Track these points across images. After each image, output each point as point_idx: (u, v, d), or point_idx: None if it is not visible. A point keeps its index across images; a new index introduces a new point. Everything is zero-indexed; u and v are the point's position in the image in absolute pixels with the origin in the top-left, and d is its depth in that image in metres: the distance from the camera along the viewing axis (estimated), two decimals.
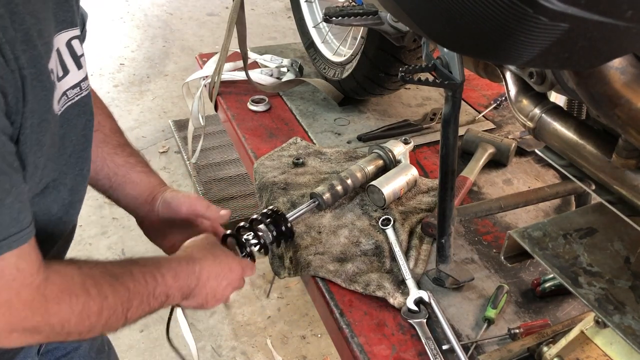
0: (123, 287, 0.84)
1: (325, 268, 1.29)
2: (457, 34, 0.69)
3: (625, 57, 0.72)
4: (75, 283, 0.79)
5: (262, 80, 2.12)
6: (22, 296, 0.73)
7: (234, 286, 1.08)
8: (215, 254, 1.05)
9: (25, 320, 0.74)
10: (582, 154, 0.96)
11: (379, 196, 1.43)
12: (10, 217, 0.71)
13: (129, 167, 1.15)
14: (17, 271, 0.72)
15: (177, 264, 0.97)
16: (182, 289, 0.96)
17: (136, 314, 0.87)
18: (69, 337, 0.81)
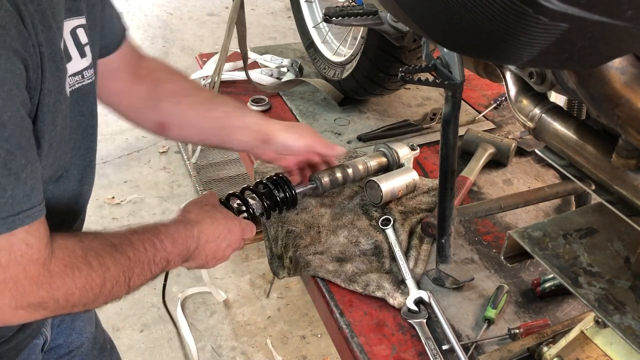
0: (124, 256, 0.86)
1: (324, 268, 1.29)
2: (457, 34, 0.69)
3: (625, 57, 0.72)
4: (78, 256, 0.80)
5: (262, 80, 2.12)
6: (29, 272, 0.73)
7: (233, 247, 1.10)
8: (214, 216, 1.06)
9: (31, 296, 0.75)
10: (582, 154, 0.96)
11: (376, 192, 1.43)
12: (24, 193, 0.71)
13: (229, 115, 1.21)
14: (26, 247, 0.73)
15: (175, 229, 0.98)
16: (181, 253, 0.98)
17: (138, 281, 0.89)
18: (73, 309, 0.82)
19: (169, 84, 1.19)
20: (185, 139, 1.23)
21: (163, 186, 3.21)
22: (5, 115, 0.68)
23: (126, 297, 0.90)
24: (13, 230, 0.71)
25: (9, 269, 0.72)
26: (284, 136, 1.24)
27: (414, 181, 1.47)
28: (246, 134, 1.23)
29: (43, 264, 0.75)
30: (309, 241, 1.36)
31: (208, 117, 1.20)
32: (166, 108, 1.17)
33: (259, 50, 2.36)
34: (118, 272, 0.85)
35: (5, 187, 0.69)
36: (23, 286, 0.73)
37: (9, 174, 0.69)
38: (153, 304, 2.53)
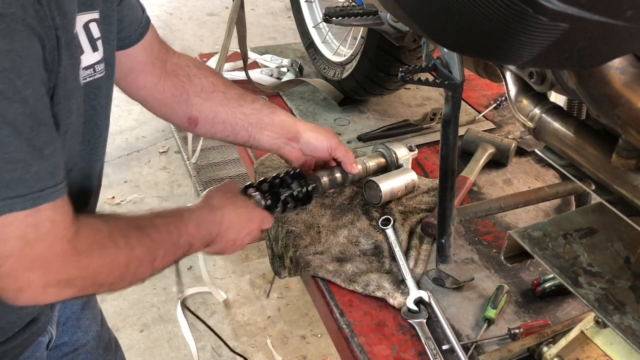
0: (148, 238, 0.87)
1: (324, 268, 1.29)
2: (457, 34, 0.69)
3: (625, 57, 0.72)
4: (103, 236, 0.81)
5: (262, 80, 2.12)
6: (56, 249, 0.74)
7: (252, 236, 1.12)
8: (236, 203, 1.09)
9: (59, 274, 0.75)
10: (582, 154, 0.96)
11: (375, 192, 1.43)
12: (47, 170, 0.72)
13: (259, 113, 1.24)
14: (52, 224, 0.73)
15: (199, 213, 1.00)
16: (204, 238, 1.00)
17: (162, 263, 0.90)
18: (100, 289, 0.83)
19: (199, 80, 1.21)
20: (215, 135, 1.26)
21: (163, 186, 3.21)
22: (27, 92, 0.69)
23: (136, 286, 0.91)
24: (38, 207, 0.71)
25: (36, 246, 0.72)
26: (310, 135, 1.28)
27: (413, 182, 1.47)
28: (275, 131, 1.26)
29: (69, 242, 0.76)
30: (309, 241, 1.36)
31: (238, 113, 1.22)
32: (196, 103, 1.19)
33: (259, 50, 2.36)
34: (143, 252, 0.86)
35: (30, 163, 0.69)
36: (51, 263, 0.74)
37: (33, 150, 0.70)
38: (153, 304, 2.53)
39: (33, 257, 0.72)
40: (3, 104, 0.66)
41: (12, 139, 0.68)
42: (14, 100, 0.67)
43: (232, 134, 1.24)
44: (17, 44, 0.67)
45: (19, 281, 0.73)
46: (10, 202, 0.69)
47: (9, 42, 0.66)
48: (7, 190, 0.68)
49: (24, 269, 0.72)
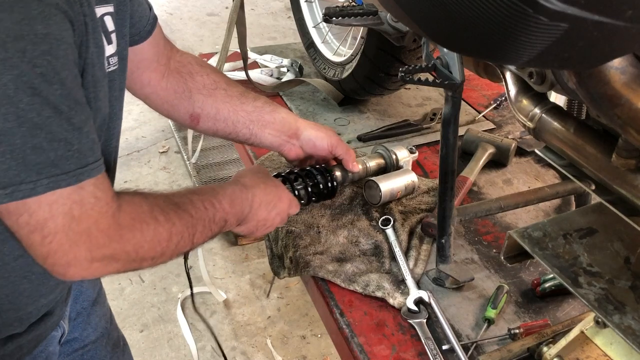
0: (187, 213, 0.90)
1: (324, 268, 1.29)
2: (457, 34, 0.69)
3: (625, 57, 0.72)
4: (144, 211, 0.84)
5: (262, 80, 2.12)
6: (100, 224, 0.77)
7: (281, 217, 1.14)
8: (267, 182, 1.12)
9: (104, 248, 0.78)
10: (582, 154, 0.96)
11: (375, 192, 1.42)
12: (88, 147, 0.75)
13: (260, 110, 1.26)
14: (95, 200, 0.76)
15: (232, 191, 1.03)
16: (237, 215, 1.03)
17: (200, 238, 0.94)
18: (143, 264, 0.85)
19: (202, 77, 1.22)
20: (217, 132, 1.26)
21: (163, 186, 3.21)
22: (64, 73, 0.71)
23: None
24: (81, 183, 0.74)
25: (82, 221, 0.75)
26: (311, 133, 1.29)
27: (413, 183, 1.46)
28: (276, 129, 1.27)
29: (112, 217, 0.79)
30: (309, 241, 1.36)
31: (240, 111, 1.23)
32: (199, 100, 1.21)
33: (259, 50, 2.36)
34: (183, 227, 0.89)
35: (71, 141, 0.72)
36: (96, 238, 0.77)
37: (73, 128, 0.73)
38: (153, 304, 2.54)
39: (79, 232, 0.75)
40: (44, 86, 0.69)
41: (54, 119, 0.70)
42: (54, 82, 0.70)
43: (233, 131, 1.25)
44: (52, 27, 0.69)
45: (67, 256, 0.76)
46: (56, 179, 0.72)
47: (46, 26, 0.69)
48: (52, 168, 0.71)
49: (71, 244, 0.75)
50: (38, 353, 1.01)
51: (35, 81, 0.68)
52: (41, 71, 0.68)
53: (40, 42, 0.68)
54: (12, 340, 0.93)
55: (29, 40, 0.67)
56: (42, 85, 0.69)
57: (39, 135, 0.69)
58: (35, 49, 0.68)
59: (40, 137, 0.70)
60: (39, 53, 0.68)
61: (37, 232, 0.74)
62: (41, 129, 0.69)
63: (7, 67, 0.66)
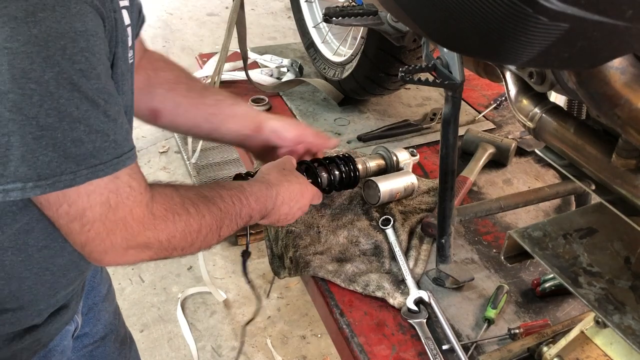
0: (216, 207, 0.94)
1: (324, 268, 1.29)
2: (457, 34, 0.69)
3: (625, 57, 0.72)
4: (176, 203, 0.87)
5: (262, 80, 2.12)
6: (135, 213, 0.80)
7: (302, 210, 1.16)
8: (290, 179, 1.13)
9: (139, 236, 0.82)
10: (582, 154, 0.96)
11: (374, 192, 1.42)
12: (122, 137, 0.78)
13: (221, 104, 1.24)
14: (130, 189, 0.79)
15: (258, 188, 1.05)
16: (261, 211, 1.05)
17: (227, 231, 0.97)
18: (173, 253, 0.89)
19: (164, 72, 1.22)
20: (177, 127, 1.24)
21: None
22: (100, 68, 0.74)
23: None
24: (117, 172, 0.77)
25: (118, 210, 0.78)
26: (275, 123, 1.26)
27: (412, 185, 1.46)
28: (238, 122, 1.24)
29: (146, 206, 0.82)
30: (309, 241, 1.36)
31: (200, 104, 1.22)
32: (159, 94, 1.20)
33: (259, 50, 2.36)
34: (212, 220, 0.92)
35: (108, 132, 0.75)
36: (132, 227, 0.80)
37: (109, 120, 0.75)
38: (153, 304, 2.53)
39: (116, 221, 0.79)
40: (83, 81, 0.71)
41: (92, 112, 0.73)
42: (92, 77, 0.72)
43: (194, 125, 1.23)
44: (89, 24, 0.72)
45: (104, 243, 0.79)
46: (94, 169, 0.74)
47: (83, 23, 0.71)
48: (91, 159, 0.74)
49: (108, 232, 0.79)
50: (53, 347, 1.03)
51: (75, 77, 0.70)
52: (80, 67, 0.71)
53: (79, 39, 0.70)
54: (30, 332, 0.95)
55: (69, 37, 0.69)
56: (81, 81, 0.71)
57: (78, 128, 0.72)
58: (75, 45, 0.70)
59: (80, 130, 0.72)
60: (78, 50, 0.70)
61: (77, 221, 0.77)
62: (80, 122, 0.72)
63: (49, 65, 0.68)
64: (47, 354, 1.02)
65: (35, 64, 0.67)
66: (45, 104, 0.69)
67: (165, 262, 2.71)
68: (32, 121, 0.69)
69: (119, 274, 2.65)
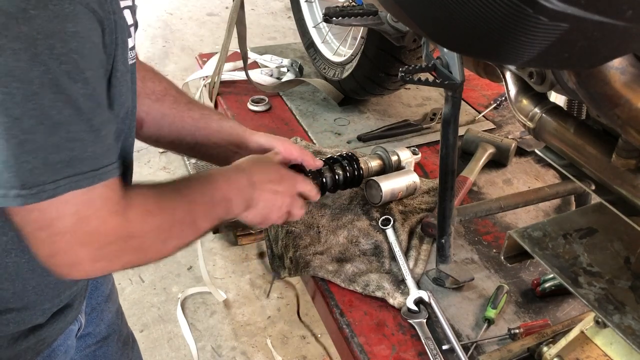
0: (186, 199, 0.90)
1: (324, 268, 1.29)
2: (457, 34, 0.69)
3: (625, 57, 0.72)
4: (152, 202, 0.84)
5: (262, 80, 2.12)
6: (109, 224, 0.77)
7: (291, 195, 1.08)
8: (263, 162, 1.08)
9: (110, 246, 0.78)
10: (582, 154, 0.96)
11: (376, 192, 1.42)
12: (102, 150, 0.75)
13: (207, 118, 1.20)
14: (104, 200, 0.76)
15: (226, 170, 1.02)
16: (240, 194, 0.99)
17: (205, 223, 0.92)
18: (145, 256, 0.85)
19: (152, 83, 1.18)
20: (160, 139, 1.20)
21: None
22: (89, 73, 0.71)
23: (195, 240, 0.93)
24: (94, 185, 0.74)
25: (90, 222, 0.75)
26: (260, 139, 1.20)
27: (414, 184, 1.46)
28: (223, 137, 1.19)
29: (122, 214, 0.78)
30: (309, 241, 1.36)
31: (186, 117, 1.19)
32: (145, 104, 1.16)
33: (259, 50, 2.36)
34: (183, 214, 0.88)
35: (87, 142, 0.72)
36: (104, 237, 0.77)
37: (91, 130, 0.72)
38: (153, 304, 2.53)
39: (87, 233, 0.75)
40: (69, 84, 0.69)
41: (74, 118, 0.70)
42: (78, 80, 0.70)
43: (177, 138, 1.18)
44: (81, 25, 0.70)
45: (73, 256, 0.75)
46: (72, 179, 0.71)
47: (75, 25, 0.69)
48: (68, 168, 0.71)
49: (78, 244, 0.75)
50: (57, 346, 1.02)
51: (61, 78, 0.68)
52: (67, 69, 0.69)
53: (69, 39, 0.68)
54: (34, 332, 0.94)
55: (58, 37, 0.67)
56: (66, 83, 0.69)
57: (58, 133, 0.69)
58: (64, 46, 0.68)
59: (59, 135, 0.69)
60: (67, 50, 0.68)
61: (44, 230, 0.73)
62: (60, 128, 0.69)
63: (35, 63, 0.66)
64: (50, 354, 1.01)
65: (22, 61, 0.65)
66: (28, 104, 0.67)
67: (165, 262, 2.71)
68: (17, 123, 0.66)
69: (119, 273, 2.65)
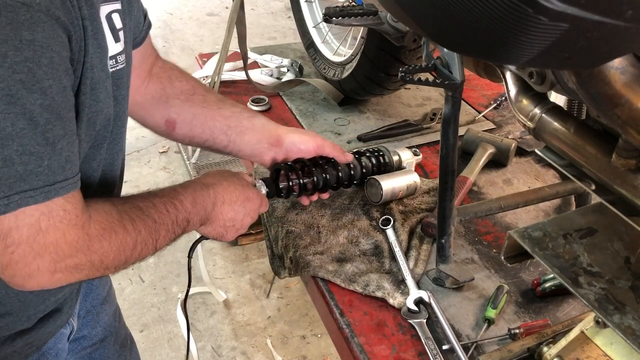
0: (151, 219, 0.88)
1: (324, 268, 1.29)
2: (457, 34, 0.69)
3: (625, 57, 0.72)
4: (114, 220, 0.82)
5: (262, 80, 2.12)
6: (68, 237, 0.75)
7: (251, 217, 1.09)
8: (230, 180, 1.07)
9: (69, 259, 0.76)
10: (582, 154, 0.96)
11: (376, 191, 1.42)
12: (59, 164, 0.73)
13: (238, 116, 1.20)
14: (64, 213, 0.74)
15: (193, 190, 0.99)
16: (199, 214, 0.99)
17: (163, 242, 0.92)
18: (106, 272, 0.84)
19: (180, 82, 1.19)
20: (193, 139, 1.21)
21: (163, 186, 3.21)
22: (47, 83, 0.69)
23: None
24: (52, 199, 0.72)
25: (49, 233, 0.73)
26: (294, 137, 1.22)
27: (414, 183, 1.46)
28: (256, 136, 1.19)
29: (82, 228, 0.77)
30: (309, 241, 1.36)
31: (217, 116, 1.18)
32: (175, 105, 1.17)
33: (259, 50, 2.36)
34: (147, 234, 0.87)
35: (42, 156, 0.70)
36: (62, 250, 0.75)
37: (47, 143, 0.70)
38: (153, 304, 2.53)
39: (45, 244, 0.73)
40: (22, 94, 0.67)
41: (28, 130, 0.68)
42: (34, 91, 0.68)
43: (210, 137, 1.19)
44: (39, 34, 0.68)
45: (29, 267, 0.74)
46: (24, 195, 0.70)
47: (32, 33, 0.67)
48: (20, 183, 0.69)
49: (34, 255, 0.73)
50: (47, 350, 1.02)
51: (14, 88, 0.66)
52: (20, 78, 0.66)
53: (24, 48, 0.66)
54: (21, 336, 0.94)
55: (12, 45, 0.65)
56: (19, 93, 0.66)
57: (11, 146, 0.67)
58: (18, 54, 0.66)
59: (12, 148, 0.67)
60: (21, 59, 0.66)
61: (0, 241, 0.71)
62: (13, 140, 0.67)
63: None
64: (40, 357, 1.01)
65: None
66: None
67: (166, 262, 2.71)
68: None
69: (119, 273, 2.64)
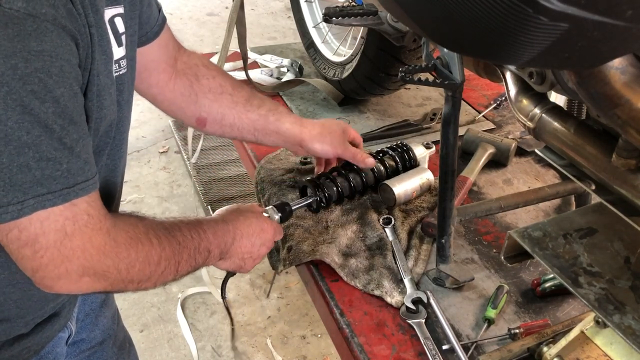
0: (175, 240, 0.90)
1: (331, 257, 1.29)
2: (457, 34, 0.69)
3: (625, 57, 0.72)
4: (140, 232, 0.85)
5: (262, 80, 2.12)
6: (95, 241, 0.77)
7: (267, 246, 1.14)
8: (246, 215, 1.12)
9: (97, 264, 0.78)
10: (582, 154, 0.96)
11: (389, 195, 1.43)
12: (78, 166, 0.75)
13: (264, 119, 1.29)
14: (89, 217, 0.76)
15: (215, 223, 1.04)
16: (220, 246, 1.02)
17: (184, 267, 0.94)
18: (129, 285, 0.85)
19: (207, 80, 1.24)
20: (224, 135, 1.31)
21: (163, 186, 3.21)
22: (59, 91, 0.70)
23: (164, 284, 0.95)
24: (73, 201, 0.74)
25: (75, 238, 0.75)
26: (315, 146, 1.32)
27: (428, 181, 1.46)
28: (280, 139, 1.31)
29: (107, 233, 0.79)
30: (317, 234, 1.37)
31: (245, 118, 1.26)
32: (204, 104, 1.23)
33: (259, 50, 2.36)
34: (172, 253, 0.89)
35: (60, 160, 0.72)
36: (90, 254, 0.77)
37: (64, 147, 0.72)
38: (153, 304, 2.53)
39: (72, 248, 0.75)
40: (35, 104, 0.68)
41: (44, 138, 0.70)
42: (46, 100, 0.69)
43: (239, 135, 1.29)
44: (47, 44, 0.68)
45: (58, 269, 0.76)
46: (41, 199, 0.71)
47: (40, 43, 0.68)
48: (38, 187, 0.71)
49: (62, 259, 0.75)
50: (45, 354, 1.02)
51: (26, 99, 0.67)
52: (32, 88, 0.67)
53: (33, 59, 0.67)
54: (19, 341, 0.94)
55: (21, 57, 0.66)
56: (32, 103, 0.68)
57: (27, 154, 0.69)
58: (28, 66, 0.67)
59: (28, 155, 0.69)
60: (31, 70, 0.67)
61: (28, 247, 0.73)
62: (29, 148, 0.69)
63: None
64: None
65: None
66: None
67: None
68: None
69: None
